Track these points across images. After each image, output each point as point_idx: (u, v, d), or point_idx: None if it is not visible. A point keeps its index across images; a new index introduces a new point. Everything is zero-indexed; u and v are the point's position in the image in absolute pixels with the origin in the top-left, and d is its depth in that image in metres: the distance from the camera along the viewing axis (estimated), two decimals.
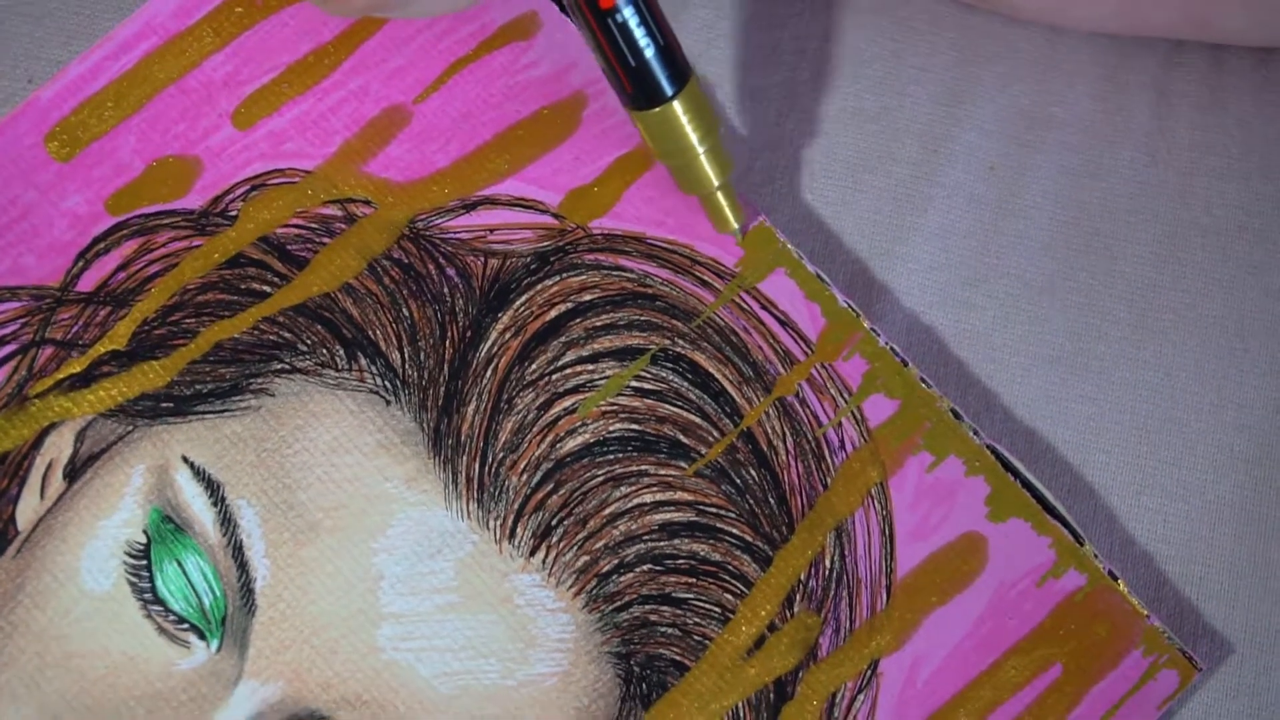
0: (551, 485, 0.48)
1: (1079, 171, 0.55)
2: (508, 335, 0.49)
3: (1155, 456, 0.53)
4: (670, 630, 0.48)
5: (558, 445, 0.49)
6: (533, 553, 0.48)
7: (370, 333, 0.49)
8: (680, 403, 0.49)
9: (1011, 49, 0.57)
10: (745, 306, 0.51)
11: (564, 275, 0.50)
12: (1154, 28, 0.54)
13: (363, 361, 0.49)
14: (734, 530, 0.49)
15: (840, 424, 0.50)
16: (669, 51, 0.46)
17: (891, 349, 0.51)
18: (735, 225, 0.50)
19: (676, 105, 0.47)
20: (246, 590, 0.46)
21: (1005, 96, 0.56)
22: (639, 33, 0.46)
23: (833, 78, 0.56)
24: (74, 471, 0.47)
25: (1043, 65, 0.56)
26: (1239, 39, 0.55)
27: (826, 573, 0.49)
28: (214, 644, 0.46)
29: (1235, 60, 0.57)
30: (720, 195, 0.50)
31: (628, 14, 0.45)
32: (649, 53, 0.46)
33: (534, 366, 0.49)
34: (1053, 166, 0.55)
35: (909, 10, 0.57)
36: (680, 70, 0.47)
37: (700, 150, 0.48)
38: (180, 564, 0.46)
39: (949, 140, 0.55)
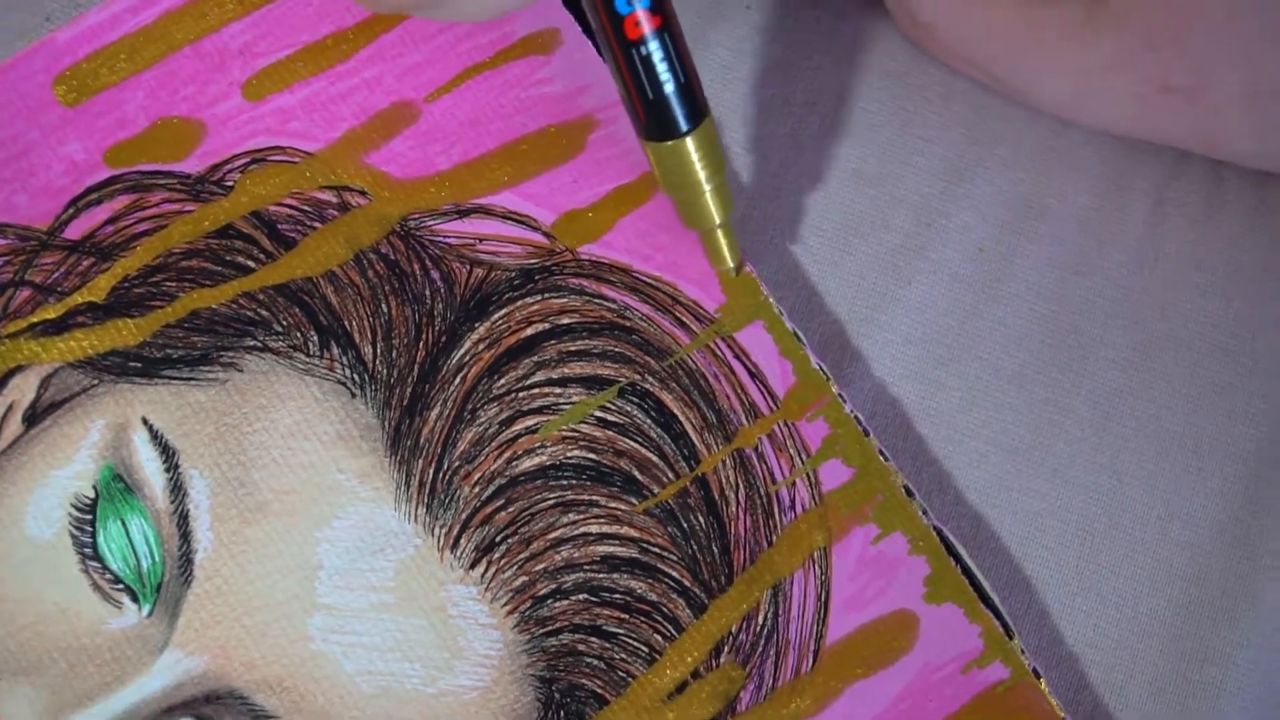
0: (502, 501, 0.49)
1: (1066, 267, 0.56)
2: (481, 346, 0.50)
3: (1096, 560, 0.53)
4: (596, 662, 0.48)
5: (514, 463, 0.49)
6: (473, 565, 0.48)
7: (346, 323, 0.49)
8: (640, 439, 0.50)
9: (1019, 134, 0.57)
10: (719, 353, 0.51)
11: (546, 295, 0.50)
12: (1162, 137, 0.55)
13: (334, 350, 0.49)
14: (673, 573, 0.49)
15: (794, 484, 0.50)
16: (689, 88, 0.46)
17: (855, 417, 0.51)
18: (731, 263, 0.51)
19: (689, 141, 0.47)
20: (186, 560, 0.46)
21: (1005, 180, 0.56)
22: (661, 67, 0.46)
23: (840, 137, 0.56)
24: (33, 417, 0.47)
25: (1047, 155, 0.57)
26: (1243, 160, 0.55)
27: (758, 628, 0.49)
28: (146, 608, 0.46)
29: (1235, 180, 0.57)
30: (720, 233, 0.50)
31: (653, 48, 0.45)
32: (668, 88, 0.46)
33: (502, 381, 0.49)
34: (1041, 258, 0.56)
35: (924, 79, 0.57)
36: (698, 107, 0.47)
37: (707, 187, 0.48)
38: (124, 524, 0.46)
39: (944, 216, 0.55)
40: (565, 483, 0.49)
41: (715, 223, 0.49)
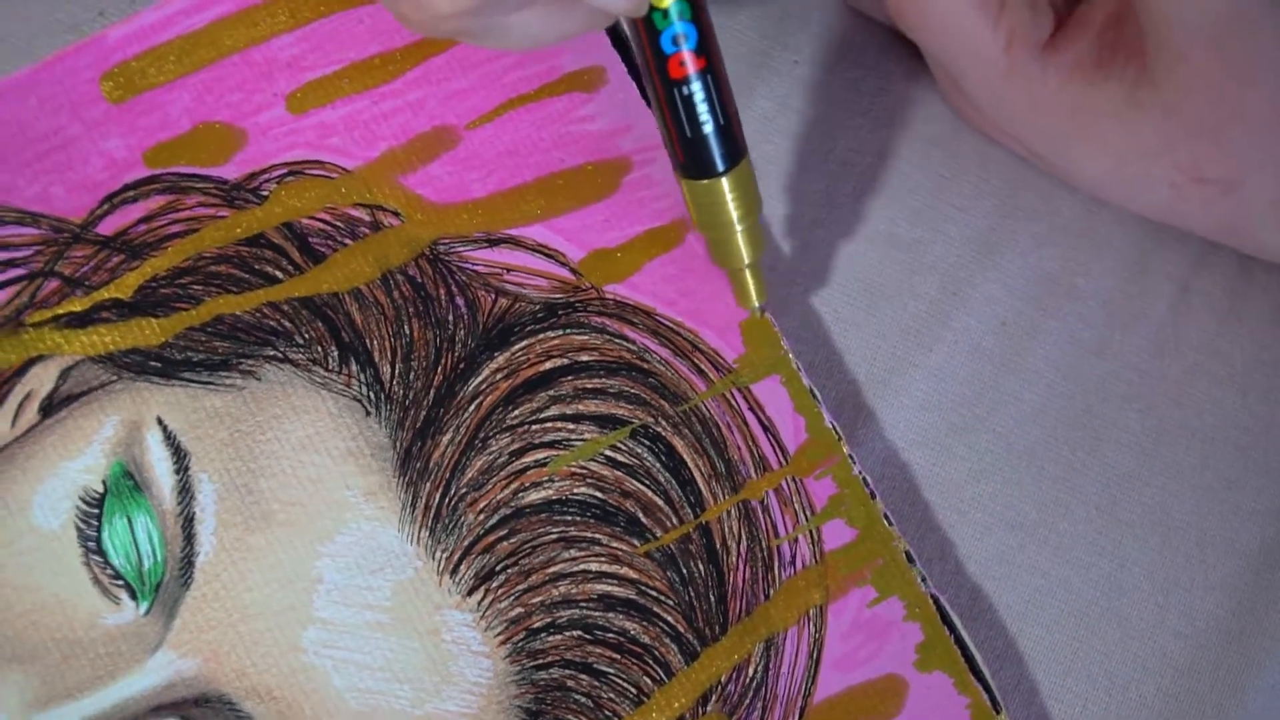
0: (505, 531, 0.49)
1: (1087, 346, 0.56)
2: (499, 376, 0.50)
3: (1090, 643, 0.53)
4: (584, 700, 0.48)
5: (520, 494, 0.49)
6: (470, 592, 0.48)
7: (367, 341, 0.49)
8: (648, 482, 0.50)
9: (1052, 210, 0.57)
10: (734, 404, 0.51)
11: (568, 331, 0.51)
12: (1194, 225, 0.55)
13: (353, 367, 0.49)
14: (669, 618, 0.49)
15: (797, 540, 0.51)
16: (728, 129, 0.47)
17: (864, 479, 0.51)
18: (757, 303, 0.51)
19: (725, 181, 0.48)
20: (187, 562, 0.47)
21: (1035, 256, 0.56)
22: (702, 108, 0.46)
23: (874, 197, 0.56)
24: (50, 407, 0.47)
25: (1078, 233, 0.57)
26: (1271, 256, 0.55)
27: (747, 680, 0.49)
28: (144, 606, 0.46)
29: (1263, 275, 0.57)
30: (748, 273, 0.50)
31: (695, 88, 0.46)
32: (707, 128, 0.46)
33: (517, 412, 0.50)
34: (1063, 335, 0.56)
35: (963, 147, 0.57)
36: (736, 148, 0.47)
37: (739, 227, 0.49)
38: (130, 521, 0.47)
39: (970, 286, 0.56)
40: (569, 518, 0.49)
41: (745, 262, 0.50)
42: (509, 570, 0.49)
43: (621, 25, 0.53)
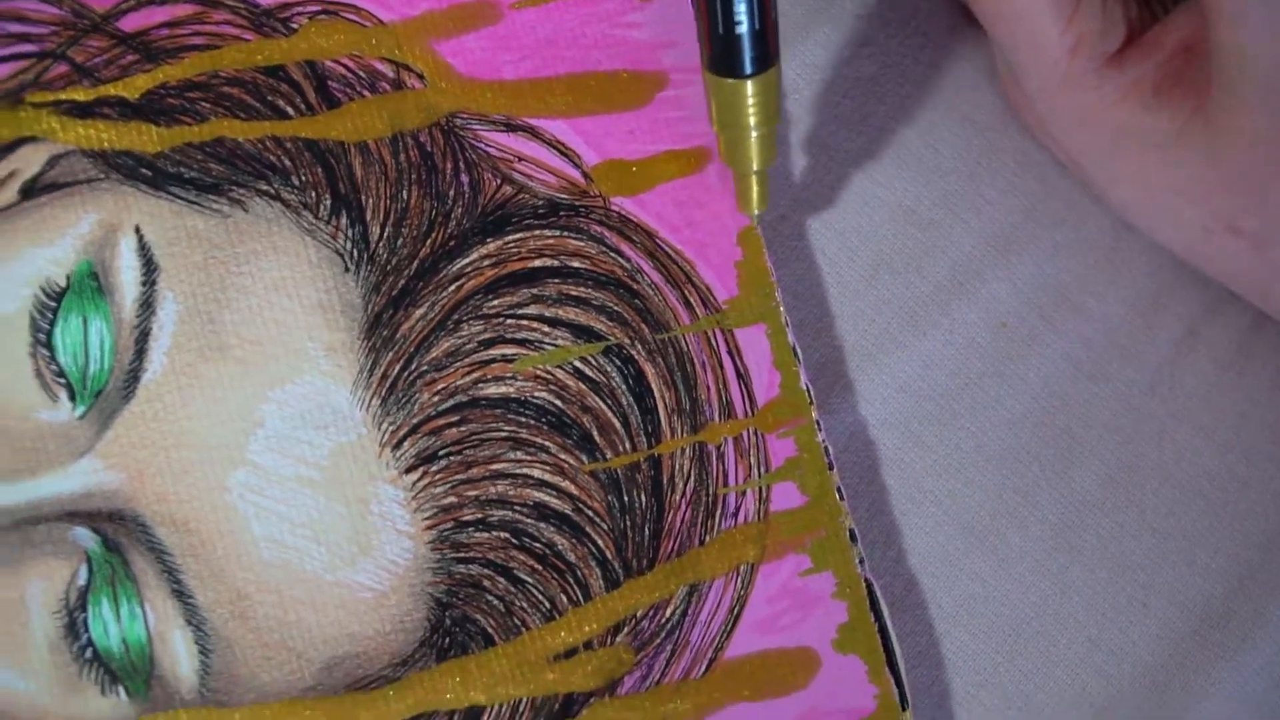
0: (456, 418, 0.48)
1: (1081, 367, 0.55)
2: (487, 262, 0.49)
3: (1013, 661, 0.53)
4: (496, 603, 0.48)
5: (480, 385, 0.48)
6: (408, 470, 0.47)
7: (363, 197, 0.48)
8: (610, 402, 0.49)
9: (1079, 222, 0.56)
10: (714, 344, 0.50)
11: (565, 233, 0.50)
12: (1216, 271, 0.54)
13: (343, 220, 0.48)
14: (599, 541, 0.49)
15: (744, 493, 0.50)
16: (761, 34, 0.47)
17: (825, 448, 0.50)
18: (756, 210, 0.50)
19: (750, 85, 0.47)
20: (133, 377, 0.46)
21: (1051, 265, 0.55)
22: (740, 7, 0.46)
23: (905, 170, 0.55)
24: (31, 190, 0.47)
25: (1099, 252, 0.56)
26: None
27: (663, 620, 0.49)
28: (80, 409, 0.46)
29: (1273, 334, 0.56)
30: (754, 179, 0.50)
31: None
32: (741, 29, 0.46)
33: (496, 302, 0.49)
34: (1060, 351, 0.55)
35: (1006, 141, 0.56)
36: (766, 54, 0.47)
37: (754, 133, 0.48)
38: (85, 322, 0.46)
39: (979, 280, 0.55)
40: (523, 420, 0.49)
41: (753, 168, 0.49)
42: (451, 457, 0.48)
43: None
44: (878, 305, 0.54)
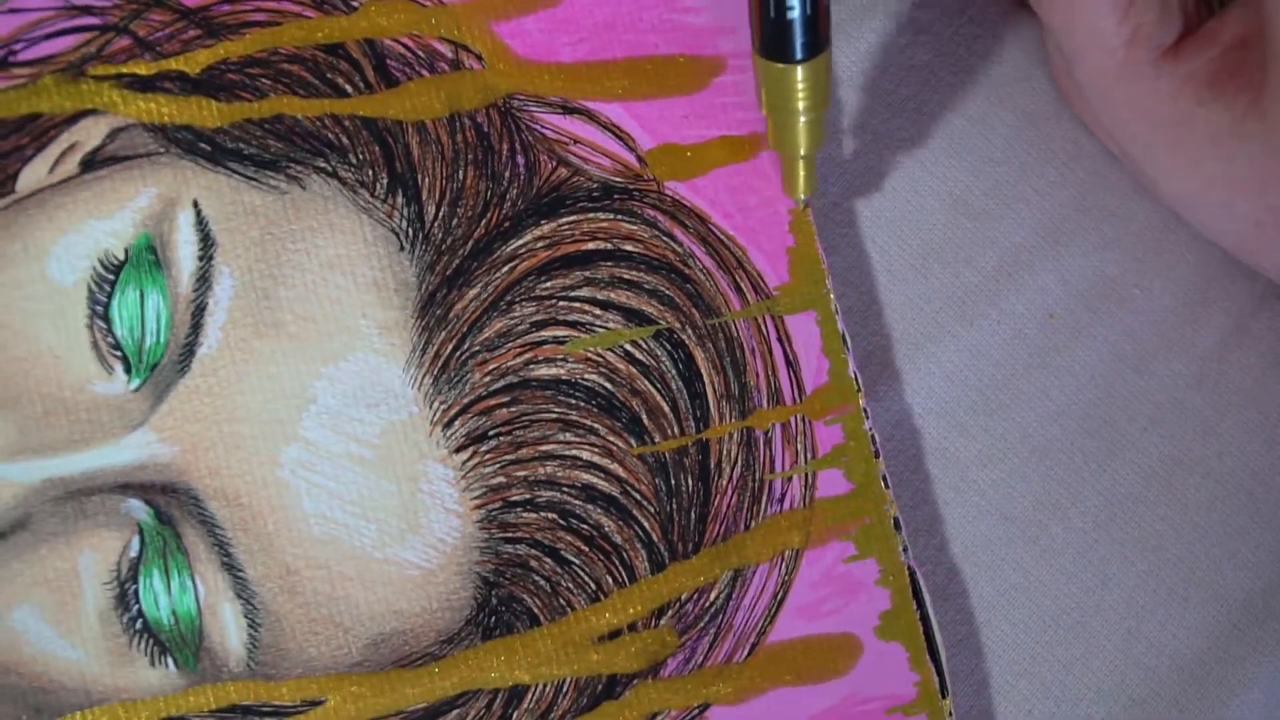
0: (507, 399, 0.48)
1: (1127, 360, 0.55)
2: (540, 244, 0.49)
3: (1052, 651, 0.53)
4: (542, 583, 0.48)
5: (532, 366, 0.49)
6: (459, 449, 0.48)
7: (419, 177, 0.49)
8: (660, 385, 0.49)
9: (1129, 215, 0.56)
10: (763, 330, 0.50)
11: (618, 216, 0.50)
12: (1266, 266, 0.54)
13: (399, 199, 0.48)
14: (646, 524, 0.49)
15: (790, 479, 0.50)
16: (812, 20, 0.47)
17: (872, 435, 0.51)
18: (802, 195, 0.51)
19: (800, 70, 0.47)
20: (188, 351, 0.46)
21: (1099, 257, 0.55)
22: None
23: (957, 160, 0.55)
24: (91, 163, 0.47)
25: (1148, 245, 0.56)
26: None
27: (707, 604, 0.49)
28: (135, 382, 0.46)
29: None
30: (801, 164, 0.50)
31: None
32: (793, 14, 0.46)
33: (549, 284, 0.49)
34: (1106, 343, 0.55)
35: (1057, 131, 0.56)
36: (817, 40, 0.47)
37: (803, 119, 0.49)
38: (142, 295, 0.46)
39: (1028, 271, 0.55)
40: (573, 402, 0.49)
41: (800, 153, 0.50)
42: (501, 438, 0.48)
43: None
44: (927, 295, 0.54)
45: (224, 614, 0.46)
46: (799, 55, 0.47)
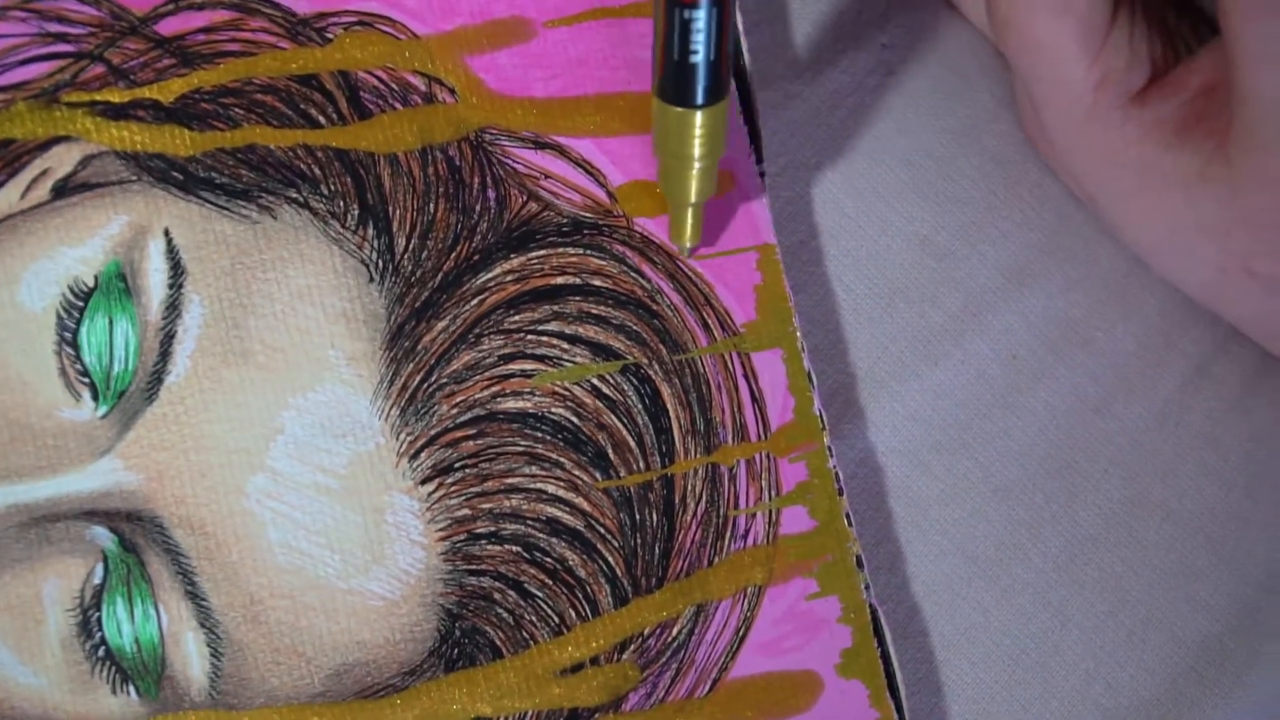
0: (474, 431, 0.48)
1: (1088, 402, 0.55)
2: (510, 278, 0.49)
3: (1011, 690, 0.53)
4: (506, 615, 0.48)
5: (499, 399, 0.49)
6: (424, 481, 0.48)
7: (390, 209, 0.49)
8: (626, 420, 0.50)
9: (1092, 258, 0.56)
10: (730, 367, 0.51)
11: (588, 252, 0.50)
12: (1228, 311, 0.54)
13: (370, 231, 0.49)
14: (610, 558, 0.49)
15: (755, 516, 0.50)
16: (715, 66, 0.46)
17: (836, 473, 0.51)
18: (688, 244, 0.50)
19: (698, 116, 0.47)
20: (156, 379, 0.46)
21: (1063, 299, 0.56)
22: (697, 37, 0.45)
23: (923, 200, 0.55)
24: (63, 190, 0.47)
25: (1111, 288, 0.56)
26: None
27: (670, 639, 0.49)
28: (102, 409, 0.46)
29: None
30: (690, 211, 0.50)
31: (698, 15, 0.45)
32: (696, 58, 0.46)
33: (517, 318, 0.49)
34: (1068, 385, 0.55)
35: (1025, 174, 0.57)
36: (718, 88, 0.47)
37: (697, 165, 0.48)
38: (111, 322, 0.46)
39: (992, 312, 0.55)
40: (540, 435, 0.49)
41: (690, 200, 0.49)
42: (467, 470, 0.48)
43: None
44: (892, 334, 0.54)
45: (187, 643, 0.46)
46: (699, 100, 0.47)
